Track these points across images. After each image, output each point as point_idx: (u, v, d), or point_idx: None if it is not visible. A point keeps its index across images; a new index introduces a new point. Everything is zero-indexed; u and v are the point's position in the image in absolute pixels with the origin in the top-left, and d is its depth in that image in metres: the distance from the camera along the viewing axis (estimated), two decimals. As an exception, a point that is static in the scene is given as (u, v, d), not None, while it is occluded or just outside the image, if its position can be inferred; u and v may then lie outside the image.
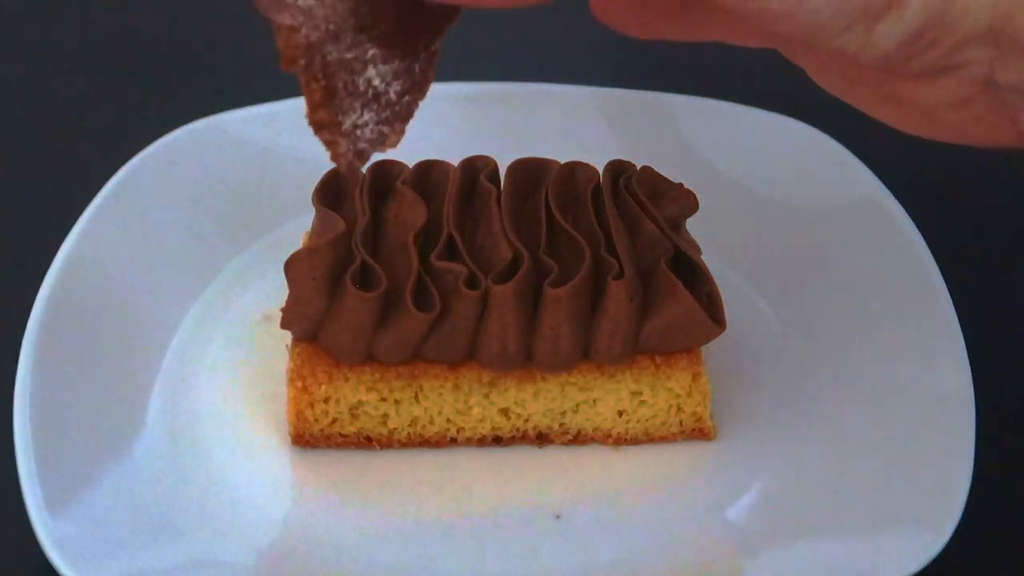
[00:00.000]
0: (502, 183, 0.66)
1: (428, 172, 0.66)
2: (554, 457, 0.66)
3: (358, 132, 0.58)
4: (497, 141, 0.64)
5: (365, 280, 0.62)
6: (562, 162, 0.67)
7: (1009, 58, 0.47)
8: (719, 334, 0.64)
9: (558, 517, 0.63)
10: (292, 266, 0.62)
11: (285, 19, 0.56)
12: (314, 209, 0.65)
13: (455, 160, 0.66)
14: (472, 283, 0.61)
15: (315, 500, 0.64)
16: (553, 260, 0.62)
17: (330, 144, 0.57)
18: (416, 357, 0.64)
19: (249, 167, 0.75)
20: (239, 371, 0.69)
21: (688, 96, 0.78)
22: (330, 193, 0.66)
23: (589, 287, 0.62)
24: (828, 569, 0.60)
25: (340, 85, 0.57)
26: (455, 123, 0.71)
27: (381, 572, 0.61)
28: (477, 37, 0.92)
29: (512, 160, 0.66)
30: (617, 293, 0.62)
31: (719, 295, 0.63)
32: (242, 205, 0.75)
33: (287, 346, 0.66)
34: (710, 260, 0.64)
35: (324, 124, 0.57)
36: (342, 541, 0.62)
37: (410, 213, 0.64)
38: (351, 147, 0.58)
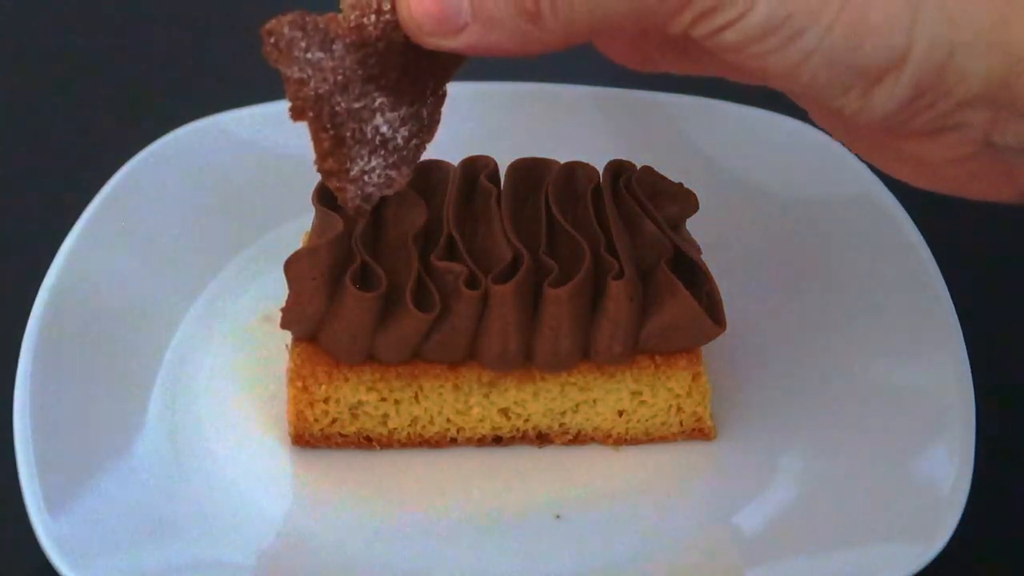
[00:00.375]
0: (502, 183, 0.66)
1: (428, 172, 0.66)
2: (554, 457, 0.66)
3: (365, 178, 0.60)
4: (497, 141, 0.63)
5: (365, 280, 0.62)
6: (562, 162, 0.67)
7: (1006, 120, 0.47)
8: (719, 334, 0.64)
9: (558, 517, 0.63)
10: (292, 266, 0.62)
11: (294, 72, 0.57)
12: (314, 209, 0.65)
13: (455, 160, 0.66)
14: (472, 283, 0.61)
15: (315, 500, 0.64)
16: (553, 260, 0.62)
17: (338, 190, 0.58)
18: (416, 357, 0.64)
19: (249, 167, 0.75)
20: (239, 371, 0.69)
21: (688, 96, 0.78)
22: (330, 193, 0.65)
23: (589, 287, 0.62)
24: (827, 569, 0.60)
25: (348, 134, 0.58)
26: (455, 123, 0.71)
27: (381, 572, 0.61)
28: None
29: (512, 160, 0.66)
30: (617, 293, 0.62)
31: (719, 295, 0.63)
32: (242, 205, 0.75)
33: (287, 346, 0.66)
34: (710, 260, 0.64)
35: (332, 172, 0.59)
36: (342, 541, 0.62)
37: (410, 213, 0.64)
38: (359, 192, 0.59)
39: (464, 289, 0.61)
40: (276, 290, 0.64)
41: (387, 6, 0.57)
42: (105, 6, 0.96)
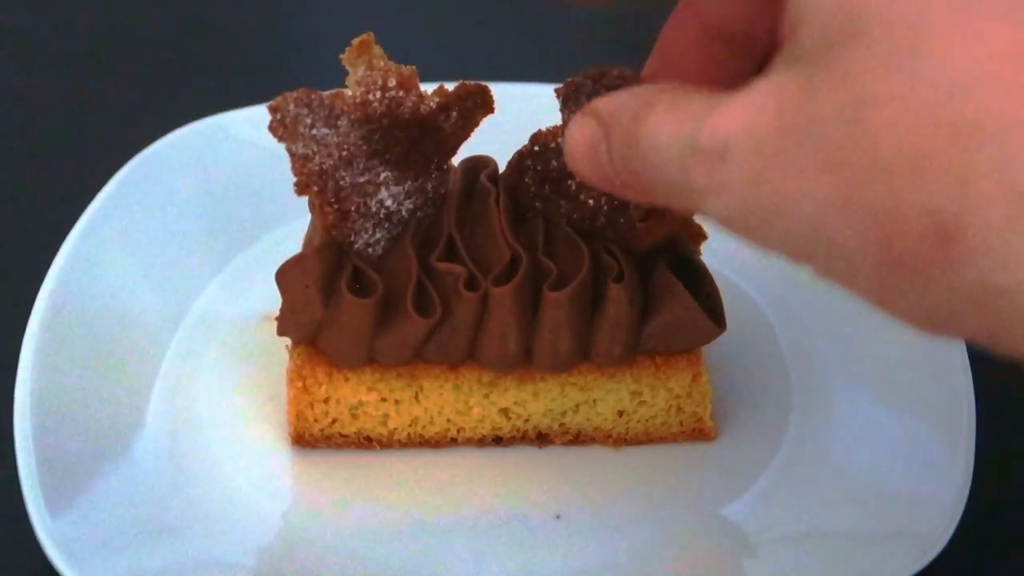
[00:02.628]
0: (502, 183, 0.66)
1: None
2: (554, 457, 0.66)
3: (369, 250, 0.60)
4: (497, 141, 0.63)
5: (361, 285, 0.62)
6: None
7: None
8: (719, 334, 0.64)
9: (558, 517, 0.63)
10: (284, 275, 0.62)
11: (299, 148, 0.58)
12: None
13: (455, 160, 0.66)
14: (472, 285, 0.61)
15: (315, 500, 0.64)
16: (552, 261, 0.62)
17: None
18: (416, 358, 0.64)
19: (249, 167, 0.75)
20: (239, 371, 0.69)
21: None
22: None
23: (588, 290, 0.62)
24: (828, 569, 0.60)
25: (352, 208, 0.59)
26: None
27: (381, 572, 0.61)
28: (477, 37, 0.92)
29: (512, 160, 0.66)
30: (617, 296, 0.61)
31: (719, 295, 0.63)
32: (242, 205, 0.75)
33: (287, 346, 0.66)
34: (710, 260, 0.64)
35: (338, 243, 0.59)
36: (342, 541, 0.62)
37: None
38: (362, 263, 0.59)
39: (464, 291, 0.61)
40: (276, 290, 0.64)
41: (392, 83, 0.58)
42: (105, 6, 0.96)
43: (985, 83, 0.36)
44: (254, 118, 0.76)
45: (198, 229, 0.74)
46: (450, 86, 0.60)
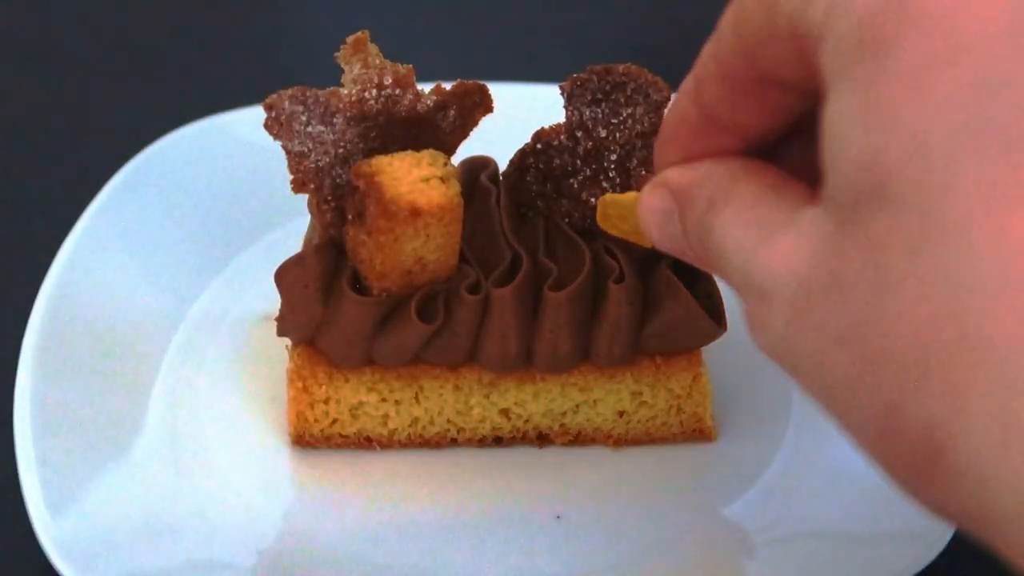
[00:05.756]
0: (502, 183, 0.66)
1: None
2: (554, 457, 0.66)
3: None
4: (497, 141, 0.63)
5: (361, 284, 0.61)
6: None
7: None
8: (720, 335, 0.64)
9: (558, 517, 0.63)
10: (283, 275, 0.62)
11: (295, 146, 0.58)
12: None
13: (455, 160, 0.66)
14: (473, 287, 0.61)
15: (315, 500, 0.64)
16: (552, 262, 0.62)
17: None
18: (416, 359, 0.64)
19: (249, 167, 0.75)
20: (239, 371, 0.69)
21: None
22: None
23: (589, 290, 0.62)
24: (828, 569, 0.60)
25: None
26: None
27: (381, 572, 0.61)
28: (477, 37, 0.92)
29: (512, 160, 0.66)
30: (617, 297, 0.61)
31: (720, 296, 0.63)
32: (242, 205, 0.75)
33: (287, 347, 0.66)
34: (710, 260, 0.64)
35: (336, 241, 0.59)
36: (342, 541, 0.62)
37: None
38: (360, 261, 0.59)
39: (465, 294, 0.61)
40: (276, 290, 0.64)
41: (388, 80, 0.58)
42: (105, 6, 0.96)
43: (1000, 291, 0.34)
44: (254, 118, 0.76)
45: (198, 229, 0.74)
46: (448, 86, 0.60)
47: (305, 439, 0.66)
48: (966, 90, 0.35)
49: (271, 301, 0.63)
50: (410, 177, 0.57)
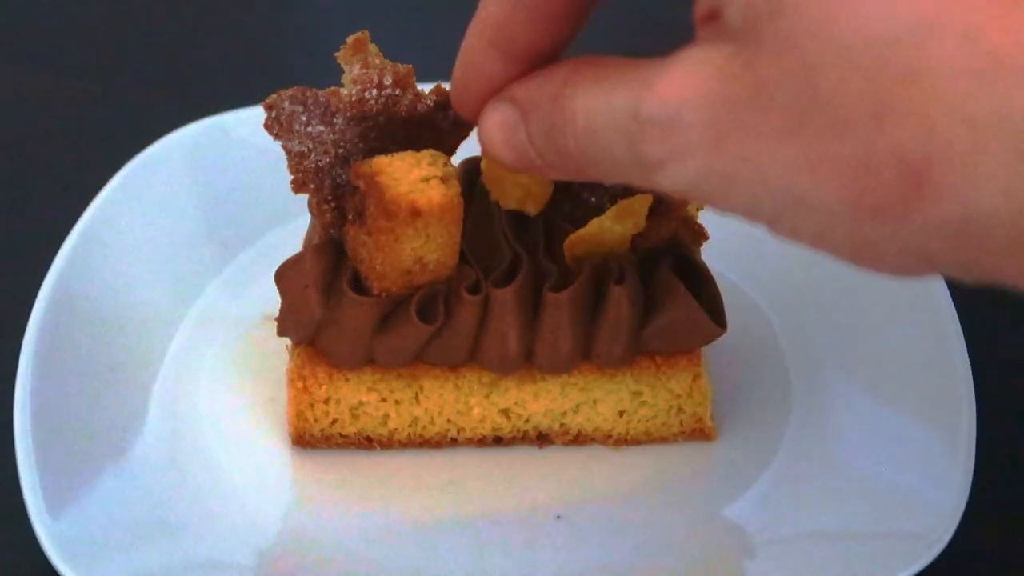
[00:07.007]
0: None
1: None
2: (554, 457, 0.66)
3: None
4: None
5: (361, 284, 0.61)
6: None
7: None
8: (720, 335, 0.63)
9: (558, 517, 0.63)
10: (283, 275, 0.62)
11: (295, 146, 0.58)
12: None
13: (455, 160, 0.66)
14: (474, 288, 0.61)
15: (315, 500, 0.64)
16: (552, 262, 0.62)
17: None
18: (416, 360, 0.64)
19: (249, 167, 0.75)
20: (239, 371, 0.69)
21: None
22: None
23: (589, 291, 0.62)
24: (828, 569, 0.60)
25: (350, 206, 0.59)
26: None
27: (381, 572, 0.61)
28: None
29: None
30: (618, 297, 0.61)
31: (720, 296, 0.63)
32: (242, 205, 0.75)
33: (287, 346, 0.66)
34: (710, 260, 0.64)
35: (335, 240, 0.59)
36: (342, 541, 0.62)
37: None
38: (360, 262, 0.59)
39: (465, 294, 0.61)
40: (276, 290, 0.64)
41: (388, 80, 0.58)
42: (105, 6, 0.96)
43: (920, 30, 0.38)
44: (253, 118, 0.76)
45: (198, 229, 0.74)
46: (448, 86, 0.60)
47: (305, 439, 0.66)
48: None
49: (271, 301, 0.63)
50: (410, 177, 0.57)
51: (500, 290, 0.61)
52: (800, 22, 0.39)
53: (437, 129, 0.60)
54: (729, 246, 0.72)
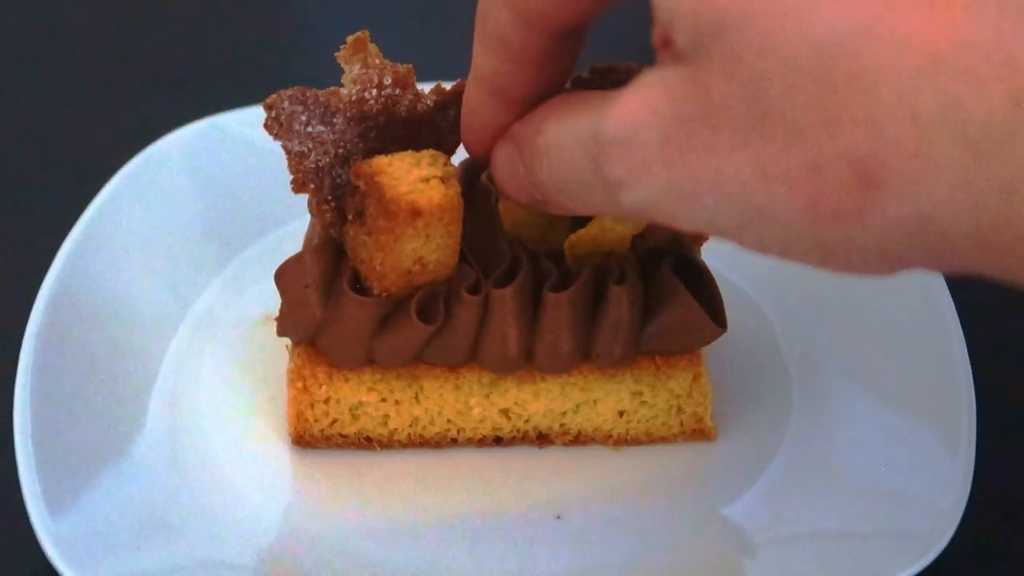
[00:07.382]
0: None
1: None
2: (554, 457, 0.66)
3: None
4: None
5: (361, 284, 0.61)
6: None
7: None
8: (720, 335, 0.64)
9: (558, 517, 0.63)
10: (282, 275, 0.62)
11: (294, 146, 0.58)
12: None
13: (455, 160, 0.66)
14: (474, 288, 0.61)
15: (315, 500, 0.64)
16: (553, 262, 0.62)
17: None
18: (416, 359, 0.64)
19: (249, 167, 0.75)
20: (239, 371, 0.69)
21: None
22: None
23: (590, 291, 0.62)
24: (828, 569, 0.60)
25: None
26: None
27: (381, 572, 0.61)
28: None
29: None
30: (619, 298, 0.61)
31: (720, 296, 0.63)
32: (242, 205, 0.75)
33: (287, 347, 0.66)
34: (710, 260, 0.64)
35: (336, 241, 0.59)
36: (342, 541, 0.62)
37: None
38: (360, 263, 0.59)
39: (465, 294, 0.61)
40: (276, 290, 0.64)
41: (388, 80, 0.58)
42: (105, 6, 0.96)
43: (860, 35, 0.39)
44: (253, 118, 0.76)
45: (198, 229, 0.74)
46: (448, 86, 0.60)
47: (305, 439, 0.66)
48: None
49: (271, 301, 0.63)
50: (410, 177, 0.57)
51: (500, 290, 0.61)
52: (745, 38, 0.40)
53: (437, 129, 0.60)
54: (729, 246, 0.72)
